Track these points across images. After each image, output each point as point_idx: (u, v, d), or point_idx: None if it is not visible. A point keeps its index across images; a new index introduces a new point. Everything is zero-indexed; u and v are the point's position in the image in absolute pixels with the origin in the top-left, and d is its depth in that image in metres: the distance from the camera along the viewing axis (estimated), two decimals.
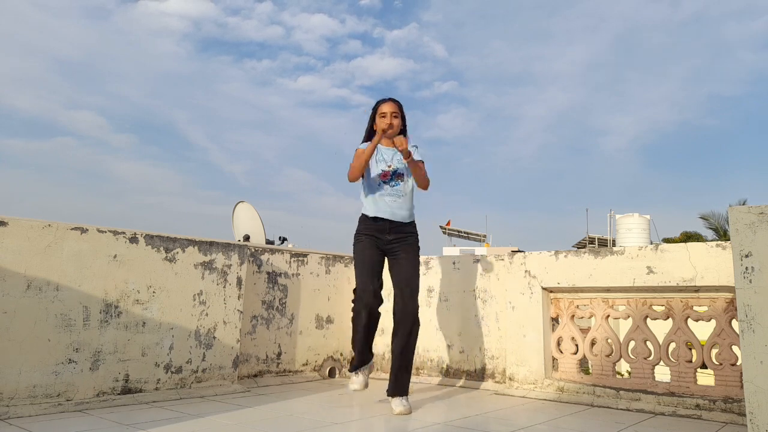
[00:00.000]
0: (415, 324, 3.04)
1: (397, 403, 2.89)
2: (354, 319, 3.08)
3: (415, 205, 3.23)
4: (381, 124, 3.12)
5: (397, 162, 3.13)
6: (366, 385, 3.11)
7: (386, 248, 3.11)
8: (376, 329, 3.17)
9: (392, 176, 3.11)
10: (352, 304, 3.08)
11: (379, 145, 3.17)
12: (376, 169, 3.13)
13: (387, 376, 4.12)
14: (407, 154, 3.00)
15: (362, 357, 3.12)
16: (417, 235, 3.20)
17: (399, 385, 2.97)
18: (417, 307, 3.07)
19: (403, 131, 3.20)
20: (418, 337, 4.03)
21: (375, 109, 3.20)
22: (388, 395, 3.00)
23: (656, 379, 3.05)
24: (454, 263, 3.98)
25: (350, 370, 3.15)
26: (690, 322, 3.03)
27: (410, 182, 3.17)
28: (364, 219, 3.14)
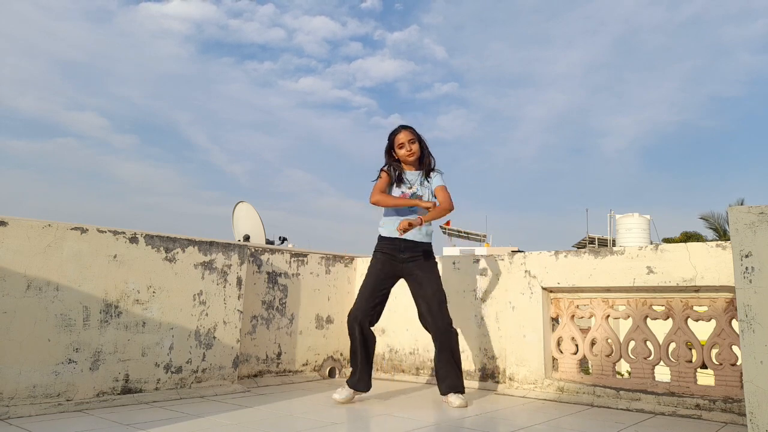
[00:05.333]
0: (452, 336, 3.12)
1: (455, 398, 3.01)
2: (351, 336, 3.18)
3: (434, 230, 3.30)
4: (402, 153, 3.21)
5: (421, 189, 3.22)
6: (351, 400, 3.11)
7: (402, 268, 3.17)
8: (373, 352, 3.21)
9: (410, 198, 3.18)
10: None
11: (403, 169, 3.27)
12: (397, 191, 3.22)
13: (387, 375, 4.13)
14: (419, 222, 3.07)
15: (359, 378, 3.14)
16: (432, 253, 3.25)
17: (455, 383, 3.07)
18: (449, 320, 3.12)
19: (423, 152, 3.26)
20: (420, 337, 4.04)
21: (391, 140, 3.26)
22: (441, 394, 3.10)
23: (656, 379, 3.05)
24: (454, 263, 3.98)
25: (348, 383, 3.15)
26: (690, 322, 3.03)
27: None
28: (380, 238, 3.22)
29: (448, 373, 3.09)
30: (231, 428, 2.42)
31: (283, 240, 9.99)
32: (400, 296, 4.20)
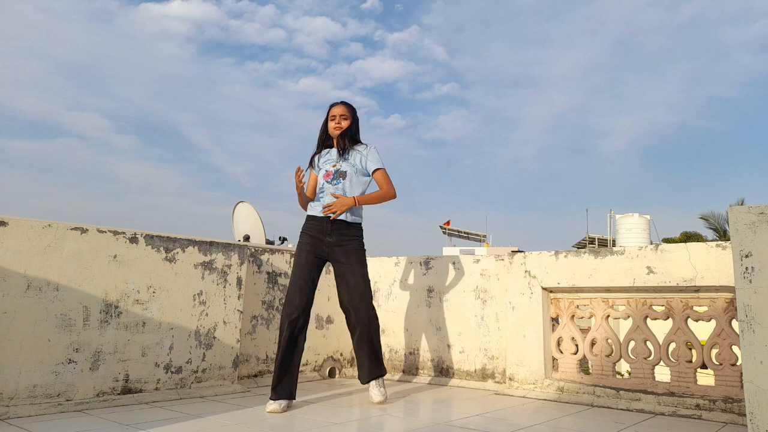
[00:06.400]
0: (372, 326, 3.07)
1: (376, 392, 3.01)
2: (280, 332, 2.96)
3: (364, 208, 3.19)
4: (330, 125, 3.20)
5: (345, 164, 3.13)
6: (285, 410, 2.82)
7: (328, 252, 3.04)
8: (300, 358, 2.97)
9: (335, 175, 3.10)
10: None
11: (328, 149, 3.24)
12: (321, 171, 3.18)
13: (386, 375, 4.13)
14: (348, 204, 3.03)
15: (281, 383, 2.85)
16: (361, 239, 3.13)
17: (374, 370, 3.07)
18: (371, 312, 3.06)
19: (354, 134, 3.22)
20: (419, 337, 4.05)
21: (328, 112, 3.25)
22: (363, 382, 3.09)
23: (656, 379, 3.05)
24: (454, 263, 3.98)
25: (271, 397, 2.83)
26: (690, 322, 3.03)
27: (355, 182, 3.12)
28: (307, 218, 3.15)
29: (364, 361, 3.09)
30: (231, 428, 2.42)
31: (283, 240, 9.99)
32: (399, 297, 4.21)
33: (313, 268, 3.03)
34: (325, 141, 3.28)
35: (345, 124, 3.18)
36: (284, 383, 2.87)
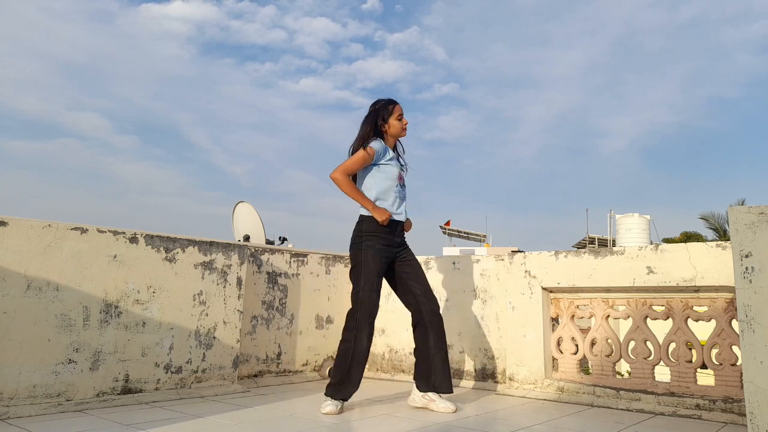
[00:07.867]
0: (441, 322, 2.99)
1: (445, 404, 2.85)
2: (355, 341, 2.85)
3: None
4: (399, 127, 3.07)
5: (402, 172, 3.15)
6: (341, 411, 2.82)
7: (394, 253, 3.02)
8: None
9: (404, 182, 3.15)
10: (348, 324, 2.91)
11: (388, 148, 3.05)
12: (393, 169, 3.03)
13: (387, 375, 4.13)
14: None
15: (353, 387, 2.86)
16: None
17: (448, 381, 2.90)
18: (438, 305, 3.05)
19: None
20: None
21: (389, 109, 3.04)
22: (438, 392, 2.89)
23: (656, 379, 3.05)
24: (454, 263, 3.98)
25: (336, 398, 2.83)
26: (690, 322, 3.03)
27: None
28: (379, 225, 2.92)
29: (437, 366, 2.88)
30: (231, 428, 2.42)
31: (283, 240, 9.99)
32: None
33: (383, 276, 3.02)
34: (377, 133, 3.04)
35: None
36: (352, 386, 2.87)
